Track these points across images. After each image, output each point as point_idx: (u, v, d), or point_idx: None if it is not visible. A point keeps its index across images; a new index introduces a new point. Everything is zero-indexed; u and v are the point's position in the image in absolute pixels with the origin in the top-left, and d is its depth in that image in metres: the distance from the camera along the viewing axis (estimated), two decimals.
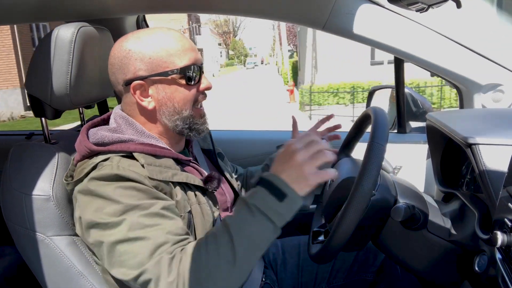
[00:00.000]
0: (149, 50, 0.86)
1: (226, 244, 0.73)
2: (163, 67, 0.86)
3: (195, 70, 0.89)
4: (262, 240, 0.76)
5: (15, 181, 0.90)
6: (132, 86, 0.87)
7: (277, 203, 0.74)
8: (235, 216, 0.77)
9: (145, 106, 0.89)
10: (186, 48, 0.88)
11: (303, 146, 0.77)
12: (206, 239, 0.76)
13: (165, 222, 0.77)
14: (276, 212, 0.74)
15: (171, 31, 0.90)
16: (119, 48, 0.88)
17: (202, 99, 0.94)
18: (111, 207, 0.76)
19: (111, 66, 0.90)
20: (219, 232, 0.76)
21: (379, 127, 0.81)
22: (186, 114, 0.90)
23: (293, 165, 0.76)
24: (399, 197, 0.86)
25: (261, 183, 0.77)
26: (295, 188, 0.75)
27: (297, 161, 0.76)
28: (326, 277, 1.18)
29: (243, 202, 0.77)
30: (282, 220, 0.76)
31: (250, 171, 1.27)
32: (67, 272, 0.89)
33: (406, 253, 0.88)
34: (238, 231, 0.74)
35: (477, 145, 0.78)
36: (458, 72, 1.19)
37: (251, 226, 0.75)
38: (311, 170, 0.75)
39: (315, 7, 1.16)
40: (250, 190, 0.80)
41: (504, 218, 0.64)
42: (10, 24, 1.52)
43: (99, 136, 0.87)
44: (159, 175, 0.83)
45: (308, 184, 0.75)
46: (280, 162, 0.78)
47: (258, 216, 0.74)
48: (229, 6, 1.25)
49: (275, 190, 0.75)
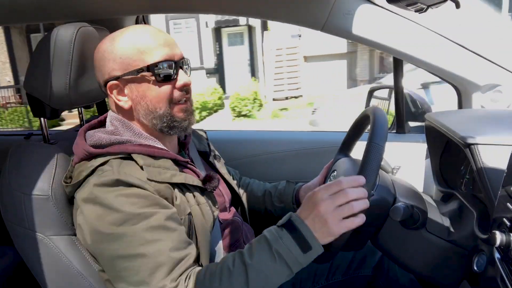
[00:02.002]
0: (120, 49, 0.86)
1: (240, 284, 0.73)
2: (133, 65, 0.85)
3: (168, 66, 0.86)
4: (276, 283, 0.76)
5: (14, 181, 0.90)
6: (108, 87, 0.88)
7: (301, 254, 0.74)
8: (255, 256, 0.75)
9: (122, 106, 0.89)
10: (158, 44, 0.86)
11: (329, 196, 0.75)
12: (221, 272, 0.75)
13: (167, 236, 0.77)
14: (297, 261, 0.74)
15: (146, 28, 0.88)
16: (97, 50, 0.90)
17: (181, 97, 0.89)
18: (112, 216, 0.76)
19: (94, 68, 0.91)
20: (236, 269, 0.75)
21: (378, 128, 0.81)
22: (161, 112, 0.87)
23: (317, 215, 0.74)
24: (398, 197, 0.86)
25: (288, 228, 0.75)
26: (318, 237, 0.74)
27: (320, 212, 0.74)
28: (325, 273, 1.18)
29: (266, 245, 0.75)
30: (299, 267, 0.76)
31: (257, 184, 1.27)
32: (66, 272, 0.89)
33: (405, 253, 0.88)
34: (256, 275, 0.74)
35: (475, 145, 0.78)
36: (457, 72, 1.19)
37: (269, 270, 0.74)
38: (335, 222, 0.73)
39: (314, 8, 1.16)
40: (273, 228, 0.78)
41: (503, 217, 0.64)
42: (10, 24, 1.51)
43: (97, 138, 0.87)
44: (158, 176, 0.83)
45: (331, 234, 0.74)
46: (305, 208, 0.77)
47: (278, 263, 0.74)
48: (228, 7, 1.25)
49: (301, 240, 0.74)
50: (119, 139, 0.87)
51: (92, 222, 0.78)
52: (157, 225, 0.77)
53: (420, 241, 0.85)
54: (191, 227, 0.86)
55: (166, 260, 0.75)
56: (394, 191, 0.87)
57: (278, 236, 0.75)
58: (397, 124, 1.58)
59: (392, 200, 0.85)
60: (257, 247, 0.76)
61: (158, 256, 0.75)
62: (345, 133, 1.10)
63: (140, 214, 0.77)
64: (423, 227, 0.85)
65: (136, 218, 0.76)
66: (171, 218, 0.80)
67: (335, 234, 0.74)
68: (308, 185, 1.17)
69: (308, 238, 0.73)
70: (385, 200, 0.85)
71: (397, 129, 1.58)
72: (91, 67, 0.95)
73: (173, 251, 0.77)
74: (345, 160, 1.03)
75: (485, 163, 0.76)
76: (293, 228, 0.75)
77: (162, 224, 0.78)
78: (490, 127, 0.89)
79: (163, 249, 0.76)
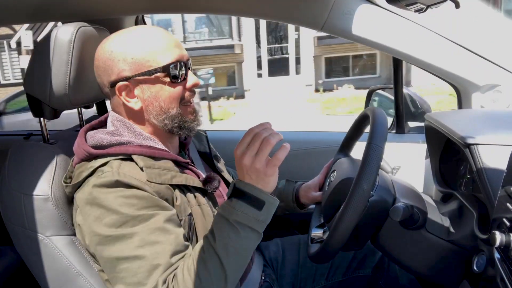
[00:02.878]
0: (131, 49, 0.85)
1: (216, 268, 0.75)
2: (146, 66, 0.85)
3: (180, 67, 0.87)
4: (249, 250, 0.79)
5: (14, 181, 0.90)
6: (117, 88, 0.86)
7: (258, 212, 0.76)
8: (219, 235, 0.77)
9: (132, 107, 0.87)
10: (170, 45, 0.86)
11: (246, 148, 0.78)
12: (197, 265, 0.76)
13: (165, 239, 0.77)
14: (257, 220, 0.77)
15: (154, 28, 0.88)
16: (102, 50, 0.87)
17: (190, 97, 0.91)
18: (111, 218, 0.76)
19: (96, 68, 0.89)
20: (207, 256, 0.76)
21: (378, 128, 0.81)
22: (173, 112, 0.88)
23: (248, 169, 0.77)
24: (398, 197, 0.86)
25: (236, 195, 0.78)
26: (263, 188, 0.77)
27: (247, 164, 0.77)
28: (325, 273, 1.18)
29: (223, 220, 0.78)
30: (263, 225, 0.78)
31: None
32: (66, 272, 0.89)
33: (405, 253, 0.88)
34: (226, 251, 0.76)
35: (475, 145, 0.78)
36: (456, 72, 1.19)
37: (237, 242, 0.76)
38: (263, 164, 0.76)
39: (314, 7, 1.16)
40: (225, 202, 0.80)
41: (503, 218, 0.64)
42: (9, 24, 1.51)
43: (97, 139, 0.87)
44: (158, 178, 0.83)
45: (269, 178, 0.77)
46: (239, 173, 0.80)
47: (242, 231, 0.76)
48: (227, 7, 1.25)
49: (252, 200, 0.76)
50: (120, 140, 0.86)
51: (91, 223, 0.78)
52: (156, 227, 0.77)
53: (420, 241, 0.85)
54: (191, 228, 0.86)
55: (163, 262, 0.76)
56: (394, 191, 0.87)
57: (231, 206, 0.77)
58: (396, 124, 1.58)
59: (392, 200, 0.85)
60: (217, 226, 0.79)
61: (156, 258, 0.75)
62: (345, 133, 1.10)
63: (139, 216, 0.77)
64: (423, 227, 0.85)
65: (135, 220, 0.76)
66: (170, 220, 0.80)
67: (272, 174, 0.77)
68: (308, 184, 1.17)
69: (256, 194, 0.76)
70: (385, 200, 0.85)
71: (397, 129, 1.58)
72: (91, 67, 0.95)
73: (171, 254, 0.77)
74: (345, 160, 1.03)
75: (485, 163, 0.76)
76: (239, 193, 0.77)
77: (161, 226, 0.78)
78: (490, 127, 0.89)
79: (161, 251, 0.76)
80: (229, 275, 0.76)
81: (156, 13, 1.28)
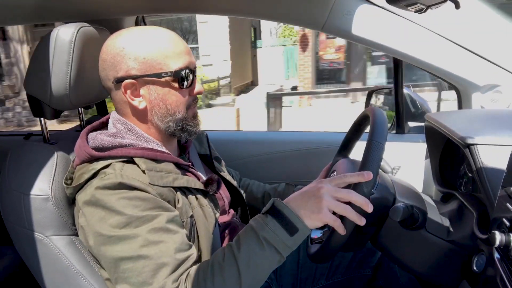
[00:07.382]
0: (144, 50, 0.84)
1: (232, 277, 0.74)
2: (157, 68, 0.85)
3: (189, 73, 0.88)
4: (268, 270, 0.77)
5: (14, 181, 0.90)
6: (124, 85, 0.85)
7: (288, 237, 0.75)
8: (243, 246, 0.76)
9: (136, 106, 0.87)
10: (181, 50, 0.87)
11: (333, 185, 0.77)
12: (213, 268, 0.76)
13: (169, 238, 0.77)
14: (285, 245, 0.75)
15: (167, 32, 0.88)
16: (112, 44, 0.86)
17: (194, 103, 0.93)
18: (115, 218, 0.76)
19: (102, 61, 0.88)
20: (226, 263, 0.75)
21: (378, 126, 0.81)
22: (179, 116, 0.89)
23: (314, 195, 0.75)
24: (398, 197, 0.86)
25: (273, 213, 0.76)
26: (306, 221, 0.75)
27: (320, 192, 0.75)
28: (325, 273, 1.18)
29: (253, 233, 0.77)
30: (289, 251, 0.76)
31: (256, 186, 1.27)
32: (66, 272, 0.89)
33: (405, 253, 0.88)
34: (246, 265, 0.75)
35: (475, 145, 0.78)
36: (457, 73, 1.19)
37: (259, 258, 0.75)
38: (331, 204, 0.74)
39: (314, 8, 1.16)
40: (258, 216, 0.79)
41: (502, 218, 0.64)
42: (10, 24, 1.52)
43: (99, 140, 0.87)
44: (160, 180, 0.83)
45: (320, 218, 0.75)
46: (302, 192, 0.78)
47: (267, 249, 0.75)
48: (228, 7, 1.25)
49: (286, 223, 0.75)
50: (122, 142, 0.86)
51: (94, 225, 0.78)
52: (160, 227, 0.77)
53: (419, 241, 0.85)
54: (193, 229, 0.87)
55: (169, 261, 0.76)
56: (394, 191, 0.87)
57: (264, 222, 0.76)
58: (396, 125, 1.58)
59: (392, 200, 0.85)
60: (244, 237, 0.77)
61: (161, 257, 0.75)
62: (345, 134, 1.10)
63: (143, 216, 0.77)
64: (422, 227, 0.85)
65: (139, 221, 0.76)
66: (173, 220, 0.81)
67: (323, 219, 0.75)
68: None
69: (293, 219, 0.75)
70: (385, 200, 0.85)
71: (397, 130, 1.58)
72: (91, 67, 0.95)
73: (175, 252, 0.77)
74: (344, 161, 1.03)
75: (484, 163, 0.76)
76: (277, 213, 0.76)
77: (164, 226, 0.78)
78: (490, 127, 0.89)
79: (165, 250, 0.76)
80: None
81: (156, 14, 1.29)
